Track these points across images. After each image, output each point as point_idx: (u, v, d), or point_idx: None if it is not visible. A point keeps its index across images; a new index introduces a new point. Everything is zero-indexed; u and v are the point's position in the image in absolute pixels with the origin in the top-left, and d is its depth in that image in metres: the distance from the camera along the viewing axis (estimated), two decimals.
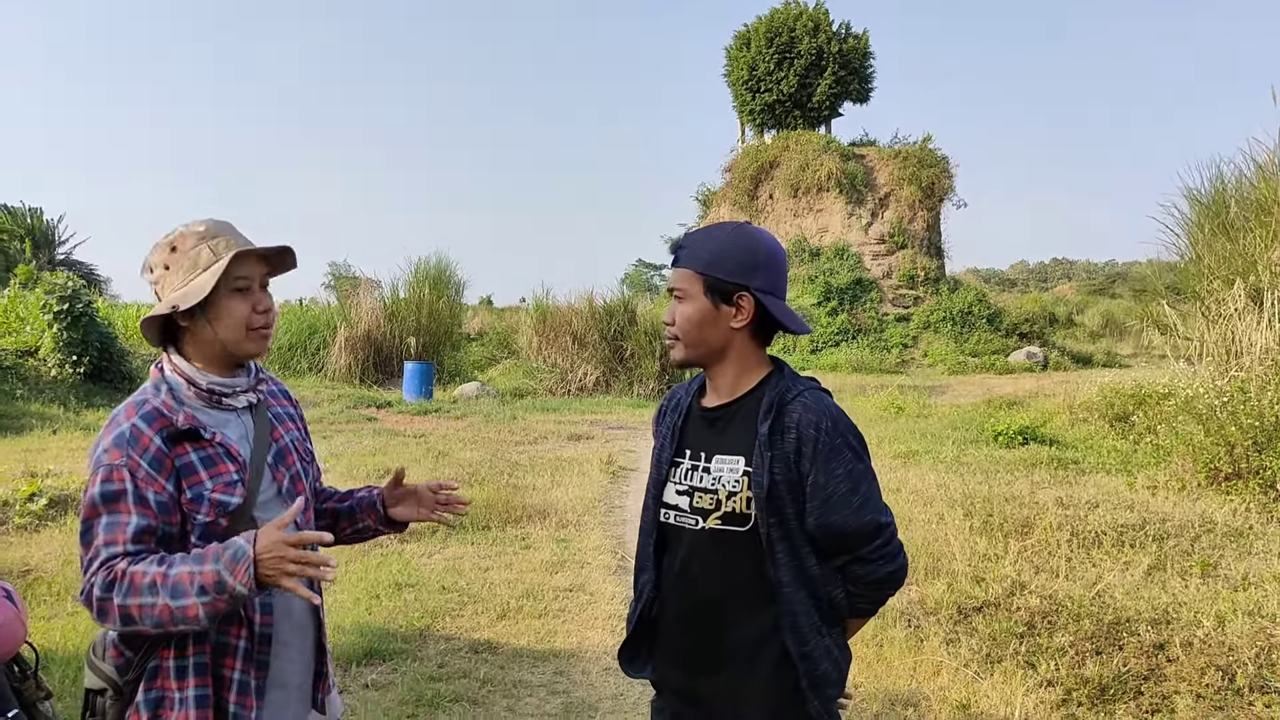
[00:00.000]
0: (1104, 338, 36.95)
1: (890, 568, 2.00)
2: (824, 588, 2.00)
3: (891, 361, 28.14)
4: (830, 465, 1.93)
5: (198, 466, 1.96)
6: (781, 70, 35.38)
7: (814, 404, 1.97)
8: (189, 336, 2.06)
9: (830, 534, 1.96)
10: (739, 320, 2.01)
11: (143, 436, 1.91)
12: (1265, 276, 9.94)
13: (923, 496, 8.04)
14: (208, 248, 2.01)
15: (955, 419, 14.11)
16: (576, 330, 19.46)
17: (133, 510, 1.87)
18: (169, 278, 2.02)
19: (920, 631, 5.08)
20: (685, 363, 2.09)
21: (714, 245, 2.02)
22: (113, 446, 1.90)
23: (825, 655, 1.99)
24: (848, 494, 1.94)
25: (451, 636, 5.17)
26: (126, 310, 26.16)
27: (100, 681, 1.98)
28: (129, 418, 1.94)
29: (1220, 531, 6.70)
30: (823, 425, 1.94)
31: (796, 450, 1.94)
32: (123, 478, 1.87)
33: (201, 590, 1.78)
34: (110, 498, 1.87)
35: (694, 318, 2.03)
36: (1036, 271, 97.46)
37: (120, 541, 1.85)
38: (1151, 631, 4.79)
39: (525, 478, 9.54)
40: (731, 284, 1.99)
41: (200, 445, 1.98)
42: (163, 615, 1.80)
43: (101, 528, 1.86)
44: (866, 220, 32.62)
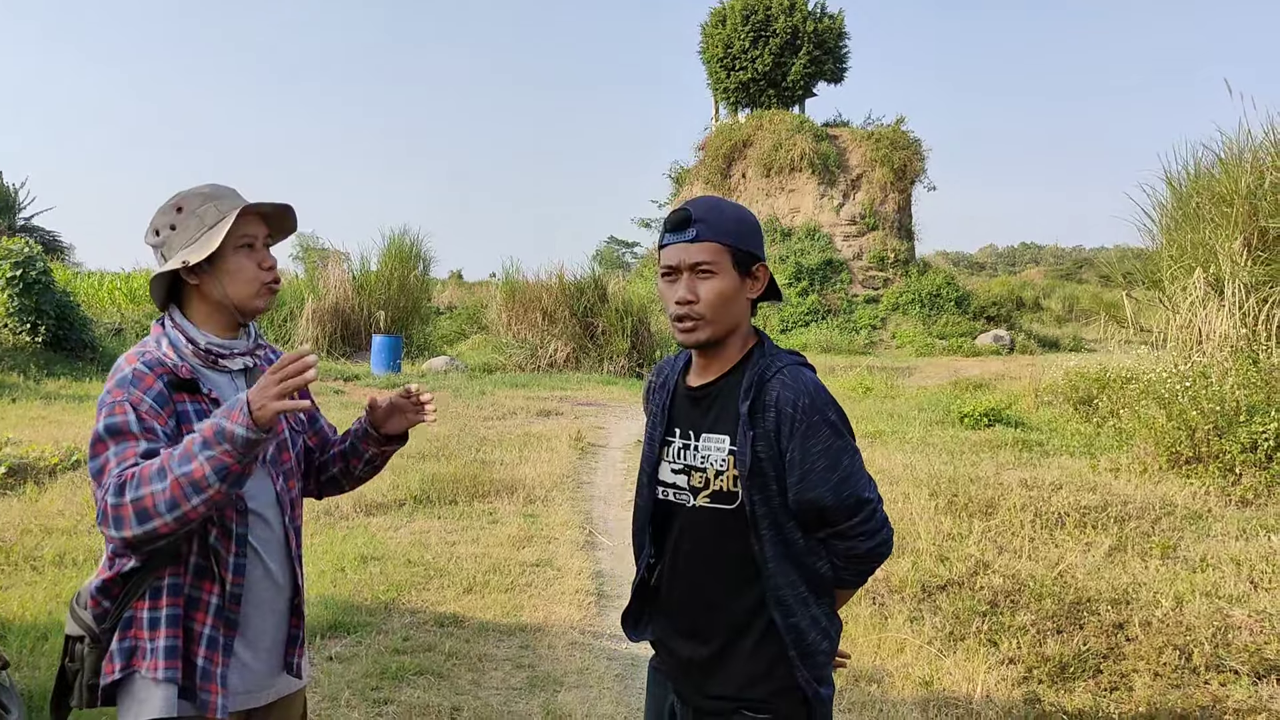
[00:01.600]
0: (1070, 322, 37.30)
1: (870, 544, 2.00)
2: (810, 560, 2.01)
3: (860, 342, 28.28)
4: (808, 442, 1.92)
5: (193, 417, 2.01)
6: (756, 49, 35.25)
7: (792, 380, 1.95)
8: (196, 295, 2.10)
9: (810, 509, 1.96)
10: (755, 291, 2.01)
11: (146, 377, 1.96)
12: (1226, 265, 10.06)
13: (889, 476, 8.10)
14: (214, 206, 2.07)
15: (922, 400, 14.22)
16: (546, 306, 19.38)
17: (140, 437, 1.90)
18: (175, 237, 2.07)
19: (885, 609, 5.12)
20: (709, 342, 2.00)
21: (733, 216, 1.99)
22: (115, 387, 1.95)
23: (813, 625, 2.01)
24: (826, 470, 1.93)
25: (417, 610, 5.15)
26: (89, 279, 25.79)
27: (79, 629, 2.03)
28: (130, 364, 1.98)
29: (1180, 514, 6.81)
30: (800, 402, 1.92)
31: (776, 428, 1.93)
32: (125, 410, 1.91)
33: (205, 444, 1.80)
34: (115, 430, 1.90)
35: (726, 293, 1.96)
36: (1005, 255, 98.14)
37: (131, 457, 1.88)
38: (1111, 611, 4.86)
39: (493, 453, 9.51)
40: (754, 255, 1.99)
41: (197, 399, 2.03)
42: (175, 492, 1.80)
43: (111, 455, 1.89)
44: (838, 201, 32.67)
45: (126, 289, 23.55)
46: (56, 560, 5.66)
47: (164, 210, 2.09)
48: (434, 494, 7.53)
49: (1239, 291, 9.83)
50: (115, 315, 20.79)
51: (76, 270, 28.67)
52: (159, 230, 2.08)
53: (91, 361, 16.05)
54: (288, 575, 2.15)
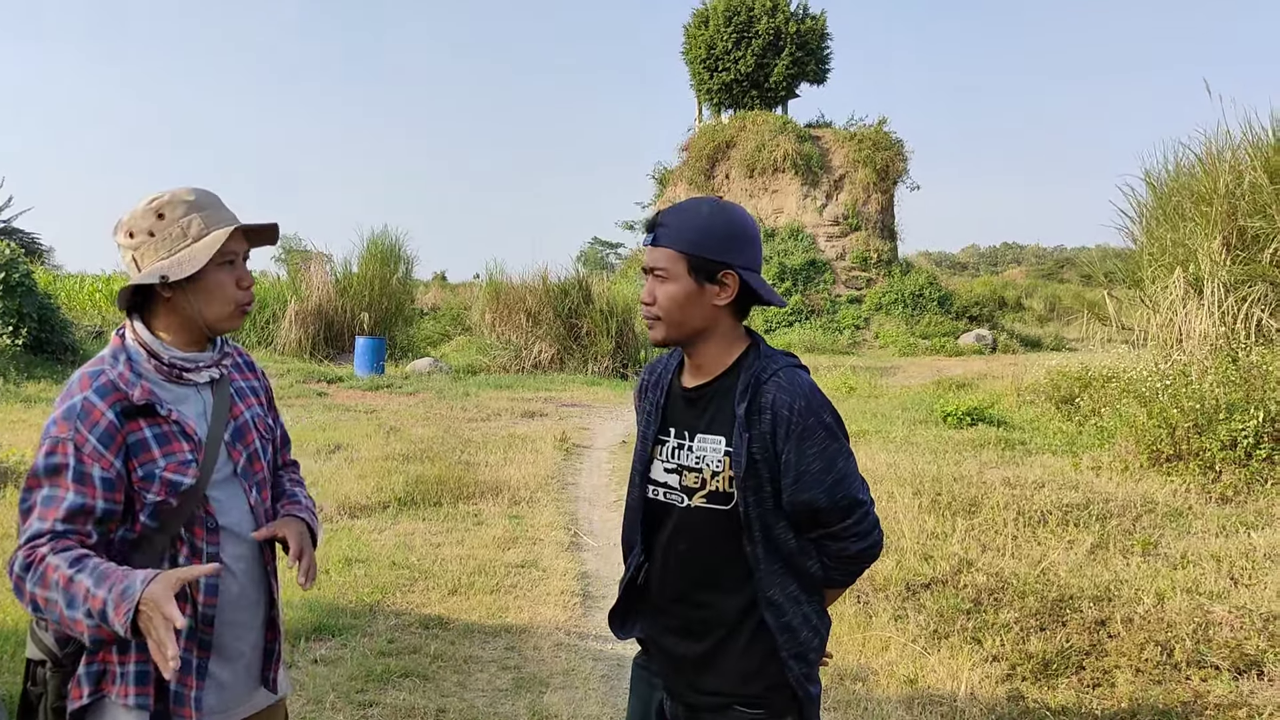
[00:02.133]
0: (1052, 322, 37.51)
1: (861, 545, 2.04)
2: (800, 560, 2.03)
3: (844, 342, 28.35)
4: (803, 444, 1.94)
5: (151, 444, 1.91)
6: (739, 50, 35.30)
7: (788, 383, 1.96)
8: (164, 307, 2.00)
9: (803, 510, 1.98)
10: (723, 298, 2.00)
11: (94, 410, 1.86)
12: (1205, 265, 10.14)
13: (873, 475, 8.12)
14: (199, 218, 1.96)
15: (905, 399, 14.27)
16: (531, 307, 19.34)
17: (70, 487, 1.82)
18: (152, 245, 1.95)
19: (869, 608, 5.14)
20: (666, 342, 2.06)
21: (697, 223, 2.00)
22: (61, 419, 1.85)
23: (804, 624, 2.03)
24: (820, 472, 1.95)
25: (402, 612, 5.14)
26: (70, 281, 25.62)
27: (40, 653, 1.94)
28: (83, 389, 1.88)
29: (1161, 511, 6.86)
30: (796, 405, 1.94)
31: (772, 430, 1.95)
32: (66, 451, 1.83)
33: (89, 613, 1.72)
34: (51, 471, 1.83)
35: (678, 297, 1.99)
36: (987, 255, 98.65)
37: (50, 518, 1.80)
38: (1094, 608, 4.89)
39: (478, 454, 9.49)
40: (717, 263, 1.97)
41: (155, 421, 1.93)
42: (60, 618, 1.76)
43: (39, 500, 1.82)
44: (821, 202, 32.74)
45: (107, 291, 23.42)
46: None
47: (142, 213, 1.97)
48: (418, 496, 7.51)
49: (1218, 290, 9.91)
50: (96, 318, 20.68)
51: (57, 272, 28.46)
52: (134, 233, 1.96)
53: (72, 364, 15.94)
54: (263, 590, 2.10)
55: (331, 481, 7.87)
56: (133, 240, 1.96)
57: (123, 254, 2.00)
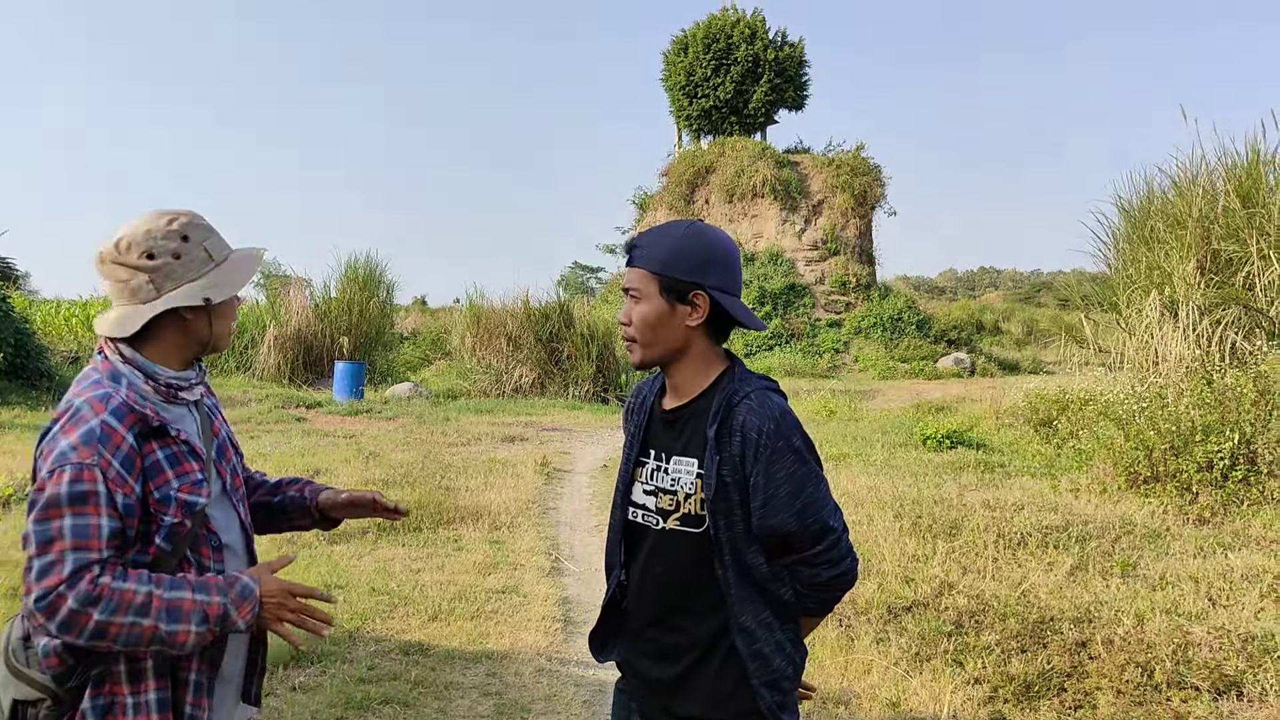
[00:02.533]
0: (1029, 345, 37.77)
1: (833, 572, 2.01)
2: (773, 586, 2.00)
3: (823, 366, 28.47)
4: (771, 467, 1.92)
5: (164, 465, 1.89)
6: (718, 76, 35.61)
7: (759, 405, 1.95)
8: (173, 330, 1.97)
9: (773, 535, 1.96)
10: (695, 319, 2.00)
11: (115, 434, 1.81)
12: (1180, 288, 10.25)
13: (853, 498, 8.14)
14: (214, 240, 2.00)
15: (885, 423, 14.32)
16: (511, 331, 19.33)
17: (103, 512, 1.76)
18: (179, 267, 1.93)
19: (851, 631, 5.14)
20: (643, 364, 2.07)
21: (669, 244, 2.01)
22: (82, 444, 1.77)
23: (778, 651, 2.01)
24: (789, 497, 1.93)
25: (382, 638, 5.10)
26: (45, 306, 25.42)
27: (34, 692, 1.85)
28: (97, 413, 1.81)
29: (1139, 533, 6.90)
30: (765, 427, 1.92)
31: (742, 452, 1.94)
32: (94, 478, 1.75)
33: (203, 619, 1.79)
34: (79, 498, 1.74)
35: (650, 318, 2.01)
36: (965, 279, 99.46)
37: (95, 547, 1.74)
38: (1074, 630, 4.91)
39: (458, 479, 9.44)
40: (687, 283, 1.98)
41: (166, 442, 1.91)
42: (144, 635, 1.75)
43: (67, 530, 1.73)
44: (800, 226, 32.96)
45: (84, 316, 23.23)
46: (10, 593, 5.53)
47: (165, 234, 1.93)
48: (398, 521, 7.45)
49: (1193, 313, 10.02)
50: (72, 343, 20.50)
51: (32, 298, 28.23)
52: (154, 254, 1.91)
53: (47, 390, 15.79)
54: None
55: None
56: (153, 262, 1.92)
57: (128, 275, 1.93)
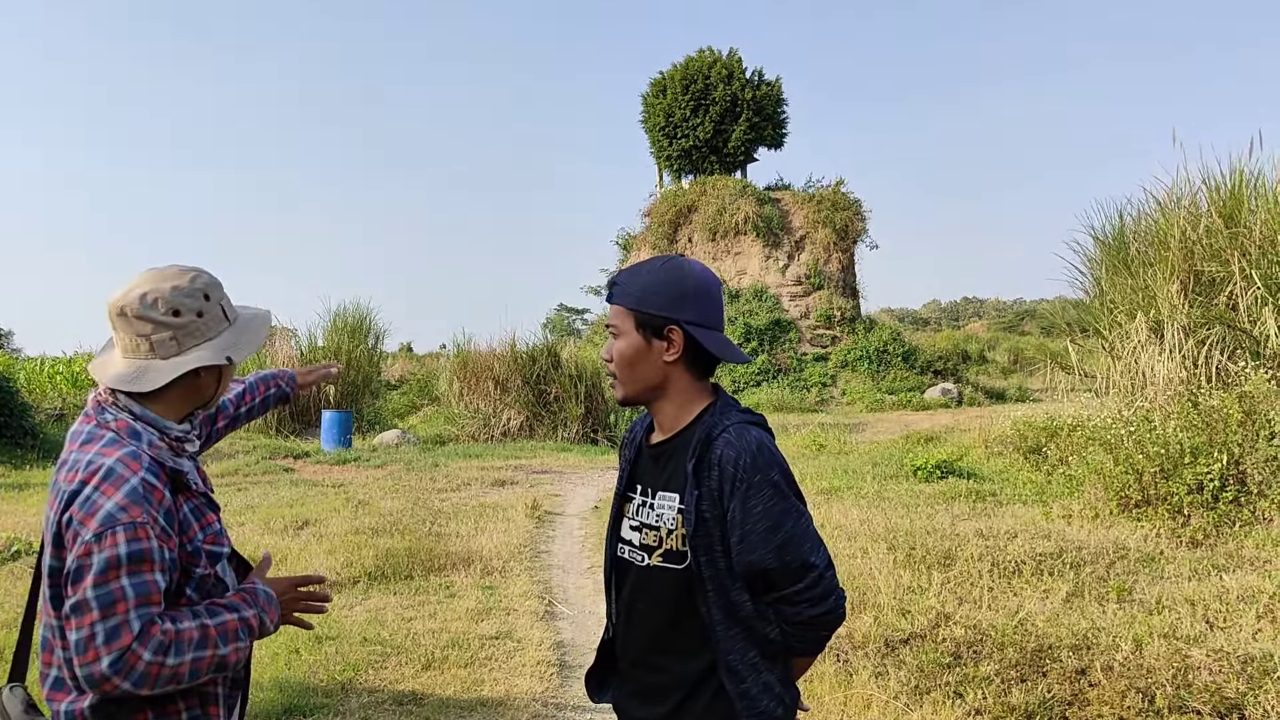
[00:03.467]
0: (1015, 373, 37.94)
1: (816, 611, 1.95)
2: (759, 625, 1.96)
3: (811, 400, 28.50)
4: (748, 503, 1.89)
5: (190, 519, 1.93)
6: (697, 117, 35.95)
7: (736, 439, 1.92)
8: (184, 386, 1.99)
9: (752, 572, 1.92)
10: (671, 354, 2.00)
11: (155, 490, 1.84)
12: (1165, 309, 10.32)
13: (846, 531, 8.11)
14: (228, 300, 2.07)
15: (875, 455, 14.31)
16: (499, 375, 19.30)
17: (157, 567, 1.79)
18: (201, 325, 1.97)
19: (849, 665, 5.09)
20: (626, 400, 2.08)
21: (643, 280, 2.02)
22: (130, 503, 1.78)
23: (765, 692, 1.95)
24: (766, 532, 1.89)
25: (375, 689, 5.02)
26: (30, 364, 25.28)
27: None
28: (134, 471, 1.83)
29: (1133, 557, 6.89)
30: (742, 461, 1.89)
31: (720, 487, 1.91)
32: (147, 535, 1.78)
33: (248, 632, 1.90)
34: (137, 557, 1.76)
35: (627, 354, 2.02)
36: (948, 310, 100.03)
37: (156, 602, 1.78)
38: (1073, 657, 4.88)
39: (448, 525, 9.37)
40: (660, 318, 1.98)
41: (189, 497, 1.96)
42: (204, 666, 1.81)
43: (130, 589, 1.74)
44: (783, 262, 33.15)
45: (68, 373, 23.10)
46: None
47: (189, 292, 1.95)
48: (389, 569, 7.39)
49: (1177, 334, 10.08)
50: (56, 400, 20.36)
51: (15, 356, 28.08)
52: (180, 311, 1.94)
53: (32, 449, 15.66)
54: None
55: (300, 558, 7.73)
56: (179, 319, 1.95)
57: (153, 330, 1.93)
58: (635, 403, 2.09)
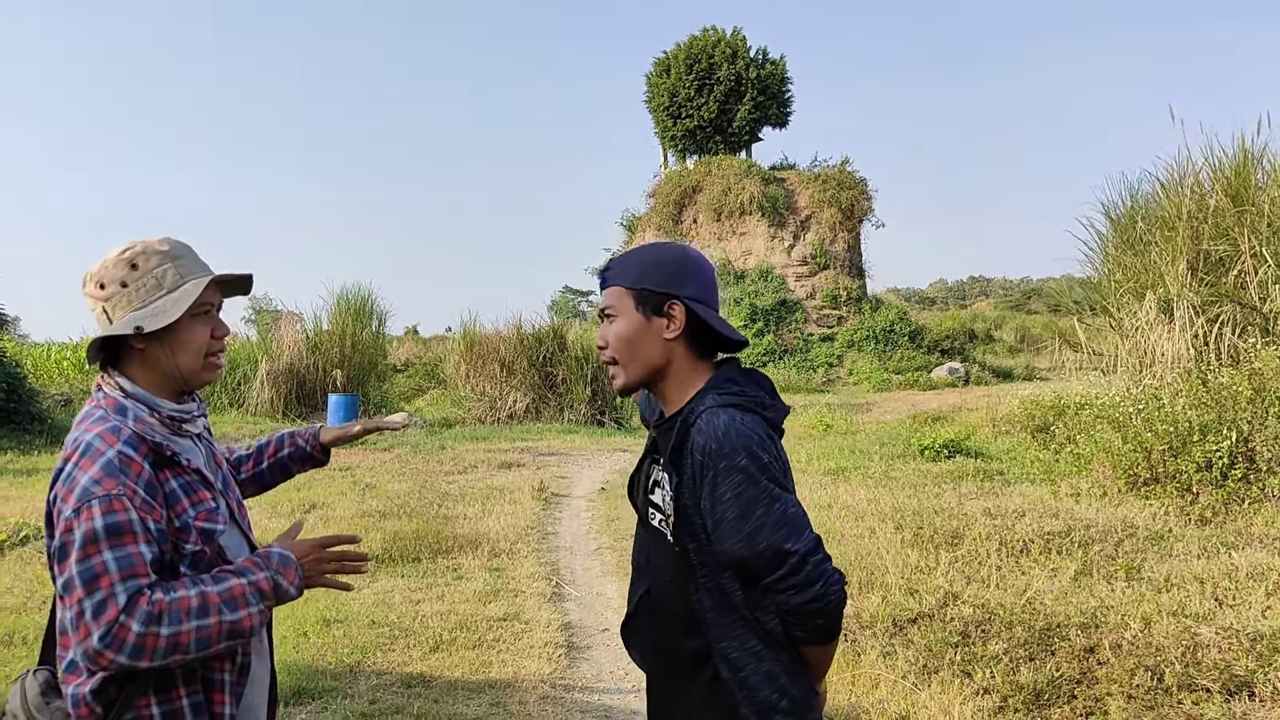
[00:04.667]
0: (1022, 352, 37.88)
1: (801, 598, 1.82)
2: (755, 613, 1.88)
3: (818, 380, 28.49)
4: (716, 490, 1.82)
5: (179, 494, 1.90)
6: (701, 96, 35.80)
7: (706, 424, 1.85)
8: (138, 359, 1.96)
9: (729, 561, 1.85)
10: (672, 330, 1.96)
11: (133, 462, 1.81)
12: (1173, 288, 10.26)
13: (854, 511, 8.10)
14: (173, 268, 1.94)
15: (882, 435, 14.30)
16: (505, 357, 19.30)
17: (139, 539, 1.76)
18: (125, 295, 1.91)
19: (857, 645, 5.09)
20: (627, 388, 2.01)
21: (640, 259, 2.00)
22: (104, 475, 1.76)
23: (767, 681, 1.87)
24: (736, 520, 1.80)
25: (383, 671, 5.03)
26: (37, 349, 25.33)
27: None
28: (111, 444, 1.81)
29: (1142, 535, 6.87)
30: (708, 448, 1.82)
31: (693, 475, 1.86)
32: (124, 507, 1.75)
33: (259, 596, 1.85)
34: (115, 530, 1.73)
35: (625, 334, 1.97)
36: (955, 289, 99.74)
37: (142, 574, 1.74)
38: (1081, 636, 4.86)
39: (455, 507, 9.39)
40: (661, 294, 1.95)
41: (179, 472, 1.92)
42: (213, 634, 1.77)
43: (112, 563, 1.72)
44: (789, 242, 33.06)
45: (75, 359, 23.16)
46: (5, 639, 5.47)
47: (116, 263, 1.92)
48: (396, 552, 7.41)
49: (1186, 313, 10.02)
50: (64, 386, 20.40)
51: (23, 341, 28.16)
52: (104, 284, 1.92)
53: (40, 434, 15.70)
54: (267, 636, 2.11)
55: None
56: (104, 291, 1.92)
57: (93, 306, 1.95)
58: (637, 388, 2.03)
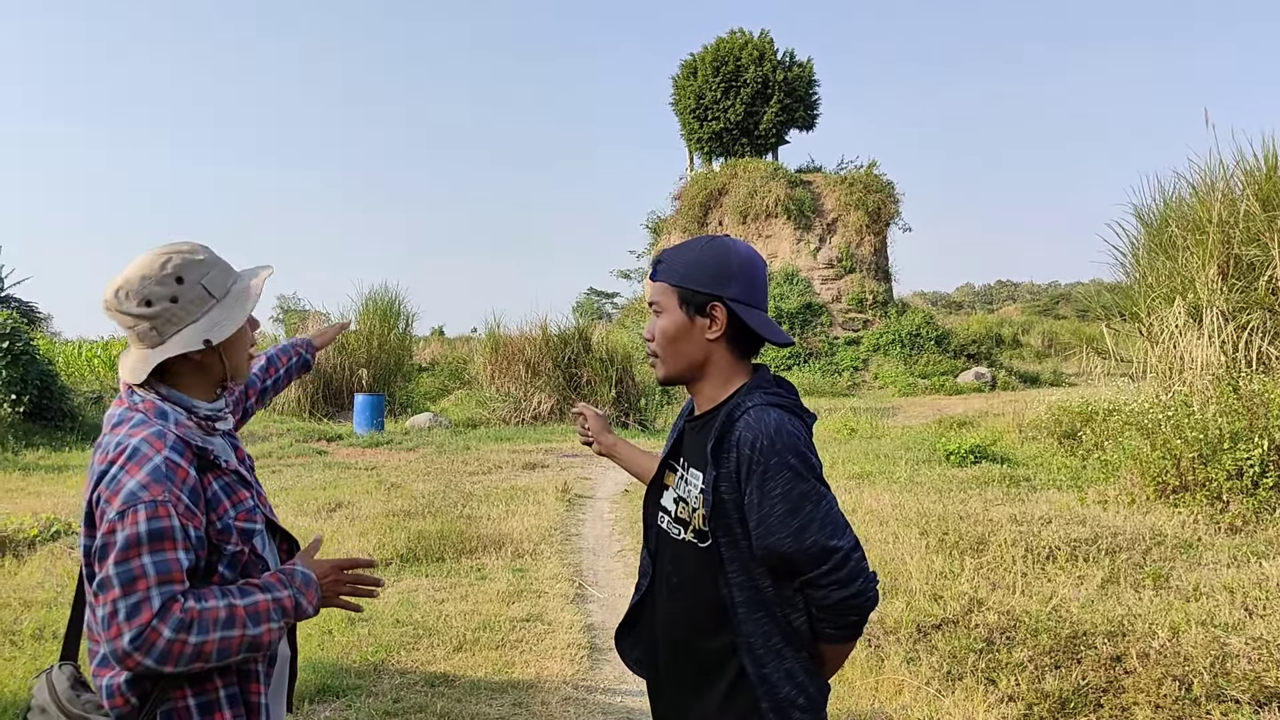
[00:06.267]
0: (1050, 357, 37.56)
1: (843, 593, 1.87)
2: (782, 609, 1.92)
3: (843, 384, 28.37)
4: (766, 485, 1.85)
5: (221, 496, 1.93)
6: (728, 99, 35.74)
7: (755, 421, 1.88)
8: (188, 367, 1.98)
9: (773, 557, 1.88)
10: (713, 331, 1.99)
11: (179, 469, 1.83)
12: (1203, 294, 10.15)
13: (878, 516, 8.07)
14: (215, 274, 1.98)
15: (907, 439, 14.22)
16: (530, 358, 19.35)
17: (179, 546, 1.78)
18: (179, 310, 1.92)
19: (880, 651, 5.07)
20: (667, 379, 2.07)
21: (688, 257, 2.02)
22: (151, 481, 1.78)
23: (787, 679, 1.91)
24: (785, 515, 1.84)
25: (407, 670, 5.06)
26: (69, 347, 25.66)
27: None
28: (158, 450, 1.82)
29: (1170, 543, 6.80)
30: (759, 444, 1.86)
31: (737, 469, 1.89)
32: (168, 514, 1.77)
33: (281, 613, 1.88)
34: (156, 535, 1.75)
35: (669, 331, 2.02)
36: (981, 294, 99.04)
37: (178, 581, 1.77)
38: (1108, 644, 4.82)
39: (480, 508, 9.42)
40: (704, 294, 1.98)
41: (220, 474, 1.95)
42: (234, 646, 1.80)
43: (149, 567, 1.74)
44: (815, 245, 32.93)
45: (105, 357, 23.44)
46: (36, 634, 5.54)
47: (159, 279, 1.90)
48: (421, 552, 7.45)
49: (1217, 319, 9.91)
50: (95, 383, 20.65)
51: (55, 339, 28.52)
52: (152, 301, 1.90)
53: (71, 431, 15.90)
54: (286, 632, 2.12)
55: (333, 540, 7.80)
56: (152, 309, 1.91)
57: (132, 323, 1.92)
58: (676, 382, 2.08)
